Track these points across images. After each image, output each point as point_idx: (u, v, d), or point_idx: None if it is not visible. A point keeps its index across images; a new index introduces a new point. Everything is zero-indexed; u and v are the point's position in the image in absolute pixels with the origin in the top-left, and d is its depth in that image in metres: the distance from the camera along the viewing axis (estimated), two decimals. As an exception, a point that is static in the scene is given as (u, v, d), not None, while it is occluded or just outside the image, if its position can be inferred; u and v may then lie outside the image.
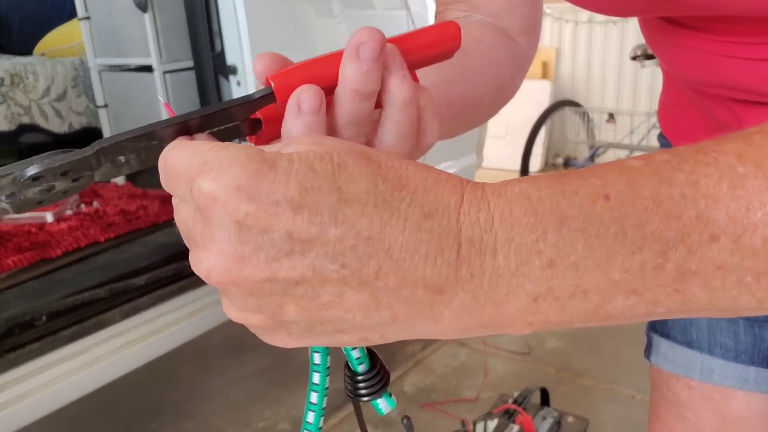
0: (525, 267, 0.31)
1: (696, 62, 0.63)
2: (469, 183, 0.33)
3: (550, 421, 1.86)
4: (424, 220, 0.31)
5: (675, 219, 0.31)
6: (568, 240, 0.31)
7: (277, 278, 0.31)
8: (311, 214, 0.30)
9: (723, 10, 0.52)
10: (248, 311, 0.33)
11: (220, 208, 0.30)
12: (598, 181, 0.32)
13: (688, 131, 0.78)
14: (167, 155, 0.34)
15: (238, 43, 1.92)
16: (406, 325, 0.32)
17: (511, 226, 0.31)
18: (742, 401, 0.76)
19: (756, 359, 0.75)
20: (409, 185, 0.31)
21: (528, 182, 0.33)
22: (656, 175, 0.32)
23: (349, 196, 0.30)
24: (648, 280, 0.31)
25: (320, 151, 0.31)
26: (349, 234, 0.30)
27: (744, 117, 0.63)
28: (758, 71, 0.57)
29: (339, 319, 0.32)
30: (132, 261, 1.90)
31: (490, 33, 0.64)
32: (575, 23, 5.22)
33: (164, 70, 2.23)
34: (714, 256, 0.31)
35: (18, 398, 1.55)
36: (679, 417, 0.80)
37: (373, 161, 0.32)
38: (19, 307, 1.63)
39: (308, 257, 0.30)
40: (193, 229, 0.32)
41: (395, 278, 0.31)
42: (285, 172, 0.30)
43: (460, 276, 0.31)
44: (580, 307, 0.32)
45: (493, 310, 0.32)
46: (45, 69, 2.47)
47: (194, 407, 2.36)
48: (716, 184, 0.31)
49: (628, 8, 0.61)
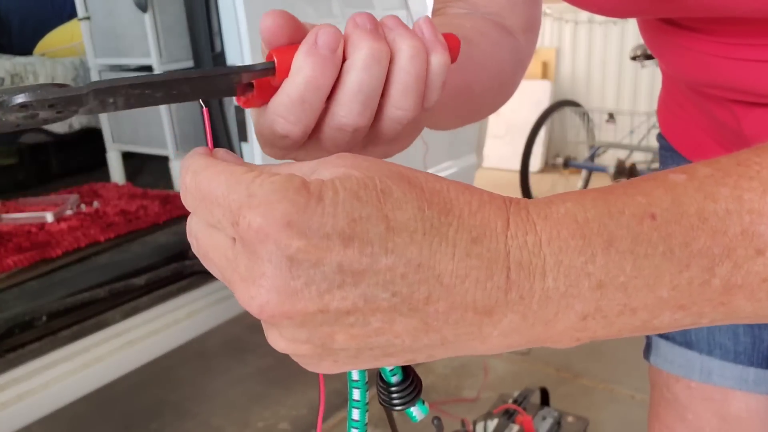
0: (574, 288, 0.31)
1: (695, 63, 0.63)
2: (512, 203, 0.33)
3: (550, 421, 1.86)
4: (473, 245, 0.31)
5: (721, 235, 0.31)
6: (616, 261, 0.31)
7: (330, 309, 0.30)
8: (361, 245, 0.30)
9: (724, 12, 0.52)
10: (298, 342, 0.32)
11: (270, 243, 0.29)
12: (643, 199, 0.32)
13: (687, 131, 0.78)
14: (199, 174, 0.33)
15: (238, 43, 1.92)
16: (454, 346, 0.33)
17: (559, 249, 0.31)
18: (741, 402, 0.76)
19: (755, 360, 0.75)
20: (455, 209, 0.31)
21: (573, 201, 0.33)
22: (700, 190, 0.32)
23: (397, 224, 0.30)
24: (695, 296, 0.32)
25: (361, 177, 0.31)
26: (399, 262, 0.30)
27: (743, 118, 0.63)
28: (757, 72, 0.57)
29: (388, 344, 0.32)
30: (132, 261, 1.90)
31: (494, 29, 0.64)
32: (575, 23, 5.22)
33: (164, 70, 2.24)
34: (760, 269, 0.31)
35: (18, 398, 1.55)
36: (678, 417, 0.80)
37: (415, 185, 0.32)
38: (19, 307, 1.63)
39: (360, 287, 0.30)
40: (235, 262, 0.32)
41: (445, 303, 0.31)
42: (332, 204, 0.30)
43: (510, 298, 0.31)
44: (627, 324, 0.33)
45: (542, 329, 0.32)
46: (45, 69, 2.48)
47: (194, 407, 2.37)
48: (760, 199, 0.31)
49: (627, 9, 0.61)
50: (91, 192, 2.40)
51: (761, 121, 0.61)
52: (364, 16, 0.40)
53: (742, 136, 0.64)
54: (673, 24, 0.63)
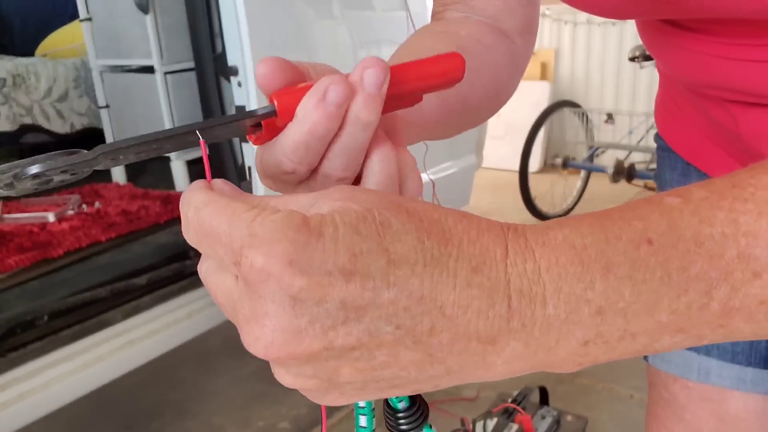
0: (575, 315, 0.31)
1: (693, 63, 0.63)
2: (510, 230, 0.33)
3: (549, 420, 1.87)
4: (474, 275, 0.31)
5: (717, 258, 0.31)
6: (615, 287, 0.31)
7: (335, 346, 0.30)
8: (363, 279, 0.29)
9: (724, 13, 0.52)
10: (304, 377, 0.32)
11: (273, 283, 0.29)
12: (639, 224, 0.32)
13: (684, 132, 0.79)
14: (201, 211, 0.33)
15: (239, 44, 1.92)
16: (459, 375, 0.33)
17: (558, 276, 0.31)
18: (739, 402, 0.77)
19: (753, 360, 0.75)
20: (454, 239, 0.31)
21: (570, 227, 0.33)
22: (696, 214, 0.32)
23: (397, 256, 0.30)
24: (694, 319, 0.32)
25: (360, 210, 0.31)
26: (401, 295, 0.30)
27: (740, 118, 0.63)
28: (755, 72, 0.58)
29: (394, 376, 0.32)
30: (133, 261, 1.91)
31: (490, 34, 0.64)
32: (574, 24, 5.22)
33: (165, 71, 2.24)
34: (757, 292, 0.31)
35: (19, 397, 1.55)
36: (676, 417, 0.81)
37: (413, 215, 0.31)
38: (20, 306, 1.64)
39: (363, 322, 0.30)
40: (240, 302, 0.32)
41: (449, 334, 0.31)
42: (332, 240, 0.29)
43: (512, 326, 0.31)
44: (628, 348, 0.33)
45: (545, 355, 0.32)
46: (47, 70, 2.48)
47: (195, 407, 2.37)
48: (755, 221, 0.31)
49: (627, 11, 0.61)
50: (92, 192, 2.40)
51: (758, 121, 0.61)
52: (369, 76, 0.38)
53: (740, 137, 0.65)
54: (672, 24, 0.64)
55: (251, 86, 1.94)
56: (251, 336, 0.31)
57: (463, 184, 3.01)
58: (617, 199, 4.61)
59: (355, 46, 2.34)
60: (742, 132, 0.64)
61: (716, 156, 0.74)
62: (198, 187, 0.35)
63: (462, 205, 3.13)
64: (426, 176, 2.33)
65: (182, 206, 0.34)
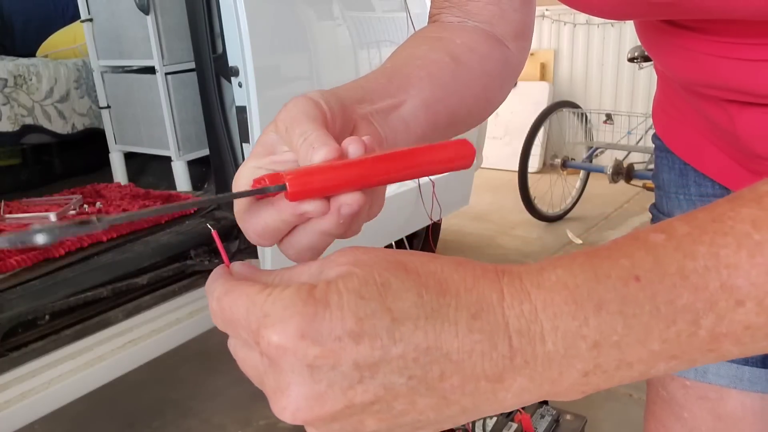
0: (573, 350, 0.33)
1: (690, 62, 0.64)
2: (505, 273, 0.35)
3: (548, 419, 1.87)
4: (474, 321, 0.33)
5: (702, 290, 0.33)
6: (608, 322, 0.33)
7: (355, 403, 0.33)
8: (371, 340, 0.32)
9: (722, 14, 0.53)
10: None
11: (290, 356, 0.32)
12: (626, 261, 0.34)
13: (682, 132, 0.79)
14: (222, 301, 0.36)
15: (240, 44, 1.92)
16: (474, 412, 0.35)
17: (554, 315, 0.33)
18: (736, 400, 0.77)
19: (750, 359, 0.75)
20: (451, 289, 0.34)
21: (563, 268, 0.35)
22: (679, 250, 0.34)
23: (400, 314, 0.32)
24: (684, 346, 0.34)
25: (362, 274, 0.33)
26: (409, 349, 0.32)
27: (737, 117, 0.63)
28: (752, 72, 0.58)
29: (415, 421, 0.34)
30: (134, 261, 1.90)
31: (485, 42, 0.65)
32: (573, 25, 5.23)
33: (166, 72, 2.25)
34: (742, 318, 0.33)
35: (21, 397, 1.56)
36: (674, 416, 0.81)
37: (411, 271, 0.34)
38: (22, 306, 1.63)
39: (377, 378, 0.33)
40: (266, 376, 0.35)
41: (458, 378, 0.33)
42: (338, 307, 0.32)
43: (516, 364, 0.33)
44: (626, 376, 0.35)
45: (550, 387, 0.34)
46: (48, 70, 2.48)
47: (196, 405, 2.38)
48: (735, 254, 0.33)
49: (626, 12, 0.61)
50: (93, 192, 2.40)
51: (755, 121, 0.62)
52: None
53: (737, 136, 0.65)
54: (670, 23, 0.64)
55: (251, 87, 1.94)
56: (279, 406, 0.34)
57: (463, 185, 3.02)
58: (616, 199, 4.62)
59: (355, 47, 2.35)
60: (739, 132, 0.64)
61: (714, 156, 0.74)
62: (217, 276, 0.38)
63: (462, 205, 3.13)
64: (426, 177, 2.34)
65: (207, 296, 0.38)
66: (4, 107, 2.35)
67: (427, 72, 0.57)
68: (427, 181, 2.37)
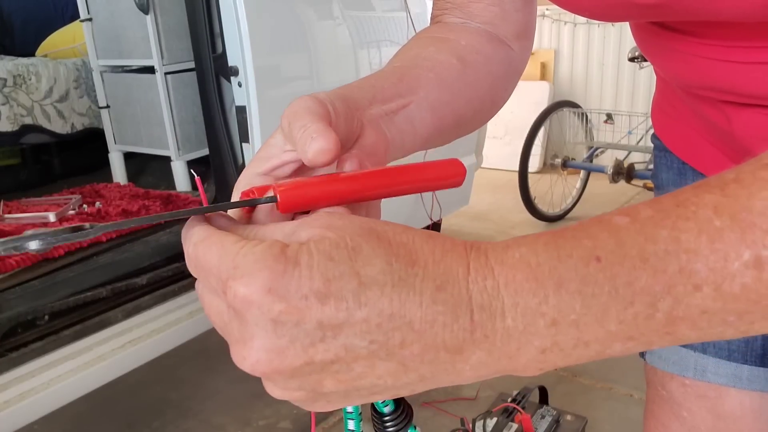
0: (531, 326, 0.34)
1: (686, 65, 0.64)
2: (473, 249, 0.36)
3: (548, 419, 1.87)
4: (438, 293, 0.34)
5: (661, 273, 0.33)
6: (567, 301, 0.34)
7: (315, 361, 0.34)
8: (337, 301, 0.33)
9: (710, 16, 0.53)
10: (290, 390, 0.36)
11: (255, 309, 0.33)
12: (589, 242, 0.35)
13: (680, 132, 0.79)
14: (197, 247, 0.36)
15: (239, 44, 1.92)
16: (431, 381, 0.36)
17: (515, 292, 0.34)
18: (735, 399, 0.77)
19: (749, 358, 0.76)
20: (419, 260, 0.34)
21: (527, 246, 0.35)
22: (641, 233, 0.34)
23: (367, 279, 0.33)
24: (641, 328, 0.34)
25: (334, 237, 0.34)
26: (373, 314, 0.33)
27: (733, 118, 0.64)
28: (747, 74, 0.58)
29: (372, 385, 0.35)
30: (134, 261, 1.91)
31: (489, 43, 0.65)
32: (574, 24, 5.23)
33: (166, 72, 2.25)
34: (699, 303, 0.33)
35: (20, 397, 1.56)
36: (673, 415, 0.81)
37: (383, 239, 0.35)
38: (21, 306, 1.64)
39: (339, 339, 0.33)
40: (229, 325, 0.35)
41: (419, 346, 0.34)
42: (308, 267, 0.33)
43: (476, 338, 0.34)
44: (583, 354, 0.36)
45: (507, 362, 0.35)
46: (47, 70, 2.48)
47: (196, 406, 2.38)
48: (696, 239, 0.33)
49: (616, 14, 0.61)
50: (93, 192, 2.41)
51: (751, 121, 0.62)
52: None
53: (734, 136, 0.65)
54: (663, 27, 0.64)
55: (251, 86, 1.94)
56: (239, 356, 0.34)
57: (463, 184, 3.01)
58: (616, 199, 4.62)
59: (355, 47, 2.35)
60: (736, 132, 0.64)
61: (711, 155, 0.75)
62: (196, 223, 0.38)
63: (461, 205, 3.13)
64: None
65: (183, 241, 0.38)
66: (4, 107, 2.35)
67: (435, 73, 0.58)
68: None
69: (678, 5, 0.53)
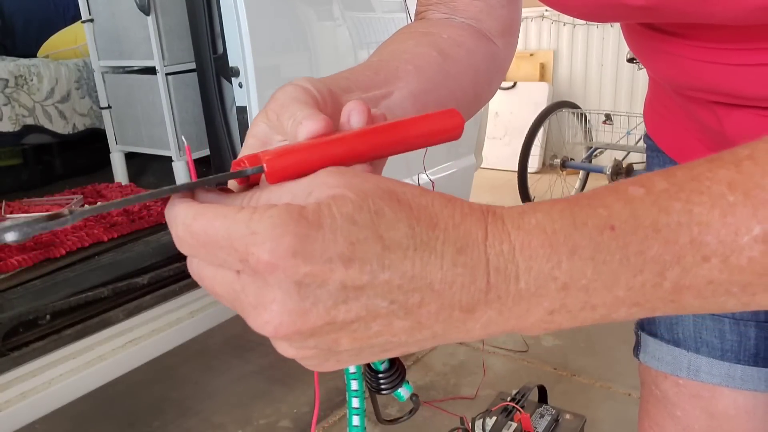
0: (543, 289, 0.35)
1: (677, 67, 0.64)
2: (490, 213, 0.36)
3: (547, 418, 1.87)
4: (458, 255, 0.35)
5: (672, 244, 0.35)
6: (579, 267, 0.35)
7: (336, 321, 0.34)
8: (361, 264, 0.33)
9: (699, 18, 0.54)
10: (305, 349, 0.36)
11: (279, 272, 0.33)
12: (604, 211, 0.36)
13: (672, 132, 0.80)
14: (192, 225, 0.35)
15: (240, 45, 1.93)
16: (442, 337, 0.37)
17: (530, 257, 0.35)
18: (729, 398, 0.77)
19: (742, 357, 0.76)
20: (440, 223, 0.35)
21: (543, 213, 0.36)
22: (656, 204, 0.35)
23: (391, 242, 0.34)
24: (648, 295, 0.36)
25: (356, 199, 0.34)
26: (395, 275, 0.34)
27: (725, 119, 0.64)
28: (737, 76, 0.59)
29: (386, 342, 0.36)
30: (135, 260, 1.91)
31: (471, 37, 0.65)
32: (573, 25, 5.23)
33: (167, 72, 2.25)
34: (705, 273, 0.35)
35: (22, 396, 1.56)
36: (667, 414, 0.82)
37: (403, 202, 0.35)
38: (23, 305, 1.64)
39: (361, 300, 0.34)
40: (243, 292, 0.35)
41: (436, 305, 0.35)
42: (331, 230, 0.33)
43: (489, 298, 0.35)
44: (589, 317, 0.37)
45: (516, 322, 0.36)
46: (49, 71, 2.49)
47: (196, 405, 2.38)
48: (708, 212, 0.35)
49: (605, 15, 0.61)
50: (94, 192, 2.41)
51: (743, 122, 0.62)
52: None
53: (725, 137, 0.66)
54: (652, 28, 0.65)
55: (252, 87, 1.95)
56: (260, 320, 0.34)
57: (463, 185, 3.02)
58: (616, 199, 4.61)
59: (355, 47, 2.35)
60: (727, 132, 0.65)
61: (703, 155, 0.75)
62: (180, 202, 0.37)
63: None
64: (426, 176, 2.34)
65: (170, 224, 0.36)
66: (5, 107, 2.35)
67: (414, 65, 0.57)
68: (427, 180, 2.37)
69: (669, 7, 0.54)
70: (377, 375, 0.45)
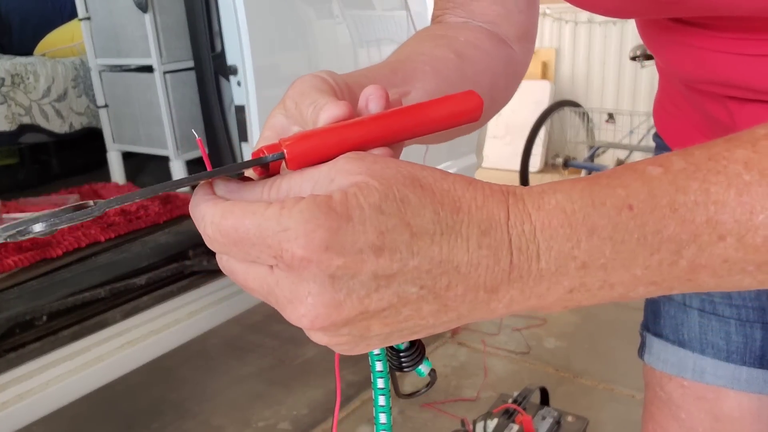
0: (563, 268, 0.36)
1: (691, 58, 0.64)
2: (510, 194, 0.37)
3: (549, 420, 1.87)
4: (483, 237, 0.35)
5: (688, 223, 0.35)
6: (598, 246, 0.36)
7: (369, 310, 0.35)
8: (391, 253, 0.34)
9: (727, 11, 0.53)
10: (338, 337, 0.37)
11: (313, 267, 0.33)
12: (623, 191, 0.36)
13: (682, 130, 0.79)
14: (221, 224, 0.35)
15: (239, 43, 1.92)
16: (467, 318, 0.38)
17: (550, 236, 0.36)
18: (734, 401, 0.77)
19: (747, 359, 0.75)
20: (463, 206, 0.36)
21: (563, 193, 0.37)
22: (673, 184, 0.36)
23: (418, 229, 0.34)
24: (665, 274, 0.37)
25: (381, 188, 0.34)
26: (424, 261, 0.35)
27: (737, 114, 0.63)
28: (752, 67, 0.58)
29: (415, 325, 0.37)
30: (132, 261, 1.90)
31: (488, 40, 0.65)
32: (575, 23, 5.22)
33: (164, 71, 2.24)
34: (721, 252, 0.36)
35: (19, 398, 1.56)
36: (672, 416, 0.81)
37: (426, 188, 0.36)
38: (19, 306, 1.63)
39: (392, 287, 0.35)
40: (278, 286, 0.35)
41: (462, 288, 0.36)
42: (360, 221, 0.33)
43: (512, 278, 0.36)
44: (607, 296, 0.38)
45: (536, 300, 0.38)
46: (45, 69, 2.48)
47: (195, 407, 2.37)
48: (725, 191, 0.35)
49: (630, 10, 0.61)
50: (91, 192, 2.40)
51: (754, 117, 0.62)
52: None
53: None
54: (675, 20, 0.64)
55: (250, 85, 1.94)
56: (296, 314, 0.35)
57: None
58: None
59: (354, 46, 2.34)
60: (739, 128, 0.64)
61: None
62: (203, 201, 0.37)
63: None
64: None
65: (197, 224, 0.37)
66: (2, 106, 2.34)
67: (432, 66, 0.58)
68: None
69: (696, 1, 0.53)
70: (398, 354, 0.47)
